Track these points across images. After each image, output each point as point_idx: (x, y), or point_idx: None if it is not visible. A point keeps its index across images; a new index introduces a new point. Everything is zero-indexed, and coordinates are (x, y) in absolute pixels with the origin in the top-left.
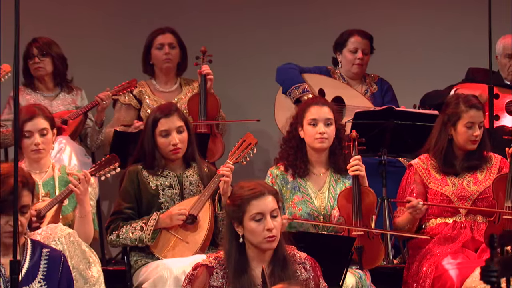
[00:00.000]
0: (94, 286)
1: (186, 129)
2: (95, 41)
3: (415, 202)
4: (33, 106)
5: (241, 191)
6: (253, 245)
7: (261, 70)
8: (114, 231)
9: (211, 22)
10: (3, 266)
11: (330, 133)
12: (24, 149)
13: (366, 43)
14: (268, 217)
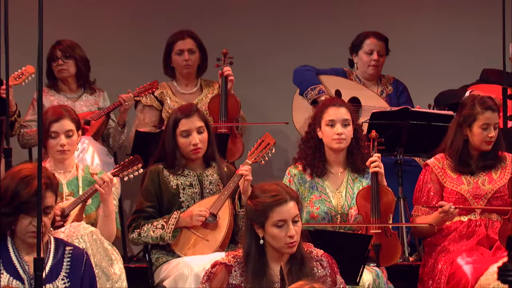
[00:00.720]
0: (116, 283)
1: (206, 129)
2: (117, 42)
3: (447, 207)
4: (60, 108)
5: (263, 196)
6: (274, 248)
7: (280, 71)
8: (135, 230)
9: (229, 23)
10: (27, 264)
11: (348, 134)
12: (49, 149)
13: (382, 45)
14: (290, 223)
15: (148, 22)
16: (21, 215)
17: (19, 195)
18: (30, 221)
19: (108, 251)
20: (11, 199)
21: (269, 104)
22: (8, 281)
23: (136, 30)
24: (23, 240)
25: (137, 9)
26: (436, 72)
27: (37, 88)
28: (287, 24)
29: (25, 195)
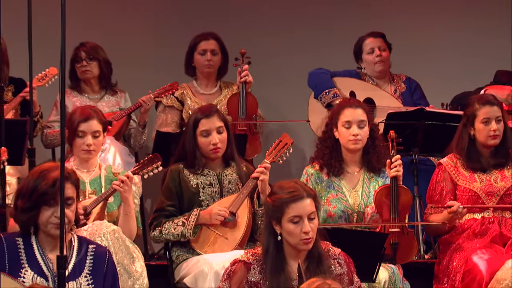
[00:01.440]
0: (138, 281)
1: (225, 129)
2: (138, 44)
3: (456, 207)
4: (89, 108)
5: (281, 193)
6: (290, 244)
7: (297, 71)
8: (157, 227)
9: (248, 24)
10: (51, 261)
11: (364, 135)
12: (75, 148)
13: (380, 41)
14: (305, 220)
15: (168, 24)
16: (42, 207)
17: (38, 187)
18: (52, 212)
19: (129, 249)
20: (31, 193)
21: (288, 103)
22: (33, 278)
23: (156, 32)
24: (47, 233)
25: (157, 11)
26: (450, 74)
27: (60, 89)
28: (304, 24)
29: (43, 187)
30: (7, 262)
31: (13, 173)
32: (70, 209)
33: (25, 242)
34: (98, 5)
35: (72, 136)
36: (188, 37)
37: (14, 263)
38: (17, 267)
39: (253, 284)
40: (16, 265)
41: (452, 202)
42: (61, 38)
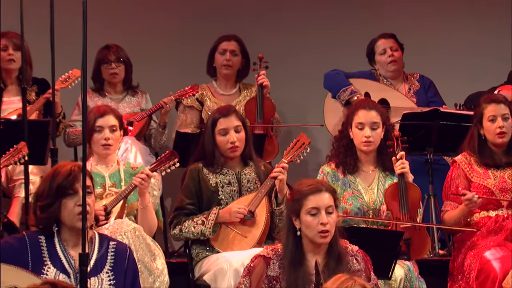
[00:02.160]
0: (158, 278)
1: (243, 128)
2: (159, 46)
3: (471, 195)
4: (104, 106)
5: (301, 187)
6: (308, 238)
7: (313, 72)
8: (177, 226)
9: (266, 27)
10: (73, 258)
11: (376, 137)
12: (94, 144)
13: (391, 41)
14: (323, 212)
15: (187, 26)
16: (63, 200)
17: (54, 181)
18: (74, 202)
19: (150, 247)
20: (49, 190)
21: (304, 104)
22: (55, 275)
23: (177, 34)
24: (72, 226)
25: (179, 13)
26: (463, 74)
27: (82, 89)
28: (318, 26)
29: (60, 179)
30: (30, 259)
31: (37, 172)
32: (90, 198)
33: (47, 240)
34: (120, 5)
35: (90, 133)
36: (207, 40)
37: (37, 261)
38: (39, 264)
39: (272, 279)
40: (39, 262)
41: (466, 191)
42: (82, 40)
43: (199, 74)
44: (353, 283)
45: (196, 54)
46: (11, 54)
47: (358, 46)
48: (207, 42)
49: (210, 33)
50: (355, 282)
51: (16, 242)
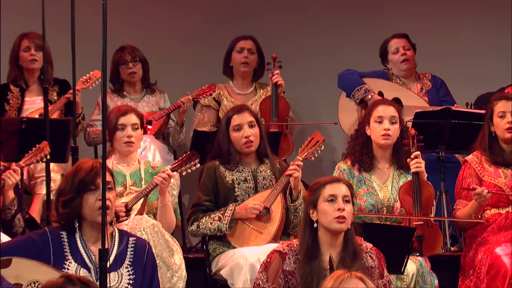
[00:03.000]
0: (176, 273)
1: (257, 125)
2: (177, 46)
3: (480, 190)
4: (126, 105)
5: (319, 179)
6: (325, 227)
7: (327, 72)
8: (194, 222)
9: (280, 27)
10: (93, 254)
11: (394, 131)
12: (116, 142)
13: (404, 41)
14: (339, 199)
15: (205, 28)
16: (84, 195)
17: (76, 176)
18: (96, 197)
19: (168, 243)
20: (71, 186)
21: (317, 104)
22: (76, 270)
23: (194, 35)
24: (93, 221)
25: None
26: (473, 75)
27: (102, 89)
28: (333, 27)
29: (82, 174)
30: (52, 254)
31: (57, 170)
32: (111, 194)
33: (69, 236)
34: (139, 6)
35: (112, 132)
36: (224, 40)
37: (59, 256)
38: (61, 259)
39: (288, 273)
40: (60, 257)
41: (477, 186)
42: (102, 41)
43: (216, 74)
44: (349, 275)
45: (213, 54)
46: (33, 54)
47: (371, 47)
48: (224, 42)
49: (226, 34)
50: (351, 274)
51: (38, 237)
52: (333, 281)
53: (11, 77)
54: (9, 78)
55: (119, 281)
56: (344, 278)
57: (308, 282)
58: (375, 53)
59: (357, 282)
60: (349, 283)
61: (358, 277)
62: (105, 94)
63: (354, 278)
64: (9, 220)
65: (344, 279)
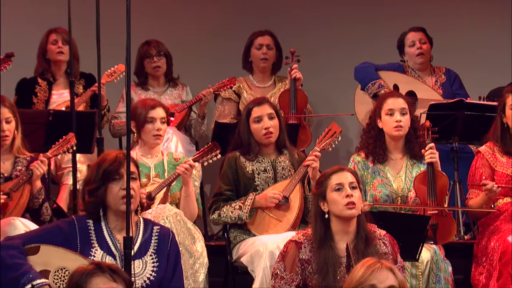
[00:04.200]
0: (198, 260)
1: (276, 116)
2: (199, 42)
3: (490, 186)
4: (154, 99)
5: (324, 172)
6: (336, 216)
7: (344, 65)
8: (216, 211)
9: (299, 21)
10: (119, 242)
11: (406, 122)
12: (145, 134)
13: (421, 34)
14: (346, 186)
15: (225, 23)
16: (109, 185)
17: (101, 166)
18: (119, 186)
19: (191, 231)
20: (96, 175)
21: (335, 95)
22: (102, 257)
23: (215, 30)
24: (117, 210)
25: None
26: (487, 69)
27: (126, 82)
28: (351, 21)
29: (106, 164)
30: (79, 242)
31: (83, 161)
32: (135, 184)
33: (95, 224)
34: (164, 1)
35: (141, 124)
36: (244, 34)
37: (85, 243)
38: (88, 246)
39: (304, 262)
40: (87, 245)
41: (487, 181)
42: (126, 36)
43: (236, 67)
44: (380, 266)
45: (234, 48)
46: (61, 47)
47: (386, 40)
48: (243, 36)
49: (245, 28)
50: (382, 265)
51: (65, 225)
52: (364, 269)
53: (38, 70)
54: (37, 72)
55: (143, 268)
56: (375, 269)
57: (324, 270)
58: (390, 46)
59: (387, 273)
60: (380, 274)
61: (388, 268)
62: (129, 87)
63: (385, 269)
64: (37, 208)
65: (375, 270)
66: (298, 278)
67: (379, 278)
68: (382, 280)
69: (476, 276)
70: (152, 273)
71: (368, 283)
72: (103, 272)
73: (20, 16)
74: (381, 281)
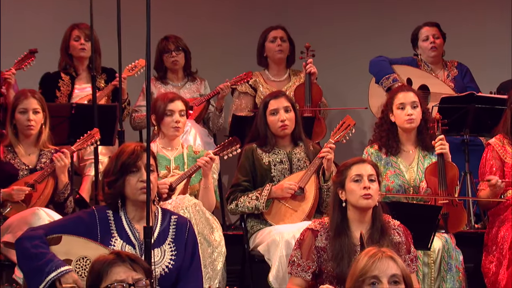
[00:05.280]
0: (217, 249)
1: (292, 109)
2: (216, 37)
3: (494, 181)
4: (173, 92)
5: (345, 161)
6: (353, 205)
7: (359, 58)
8: (233, 201)
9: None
10: (138, 231)
11: (417, 115)
12: (164, 127)
13: (435, 29)
14: (365, 178)
15: (242, 18)
16: (127, 177)
17: (119, 159)
18: (137, 178)
19: (209, 220)
20: (114, 167)
21: (348, 90)
22: (122, 246)
23: (233, 26)
24: (135, 201)
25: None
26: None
27: (146, 77)
28: (365, 15)
29: (124, 157)
30: (99, 232)
31: (105, 153)
32: (152, 175)
33: (114, 214)
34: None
35: (161, 117)
36: (259, 30)
37: (105, 233)
38: (107, 236)
39: (320, 249)
40: (107, 234)
41: (491, 177)
42: (146, 31)
43: (253, 61)
44: (381, 255)
45: (251, 42)
46: (83, 43)
47: (400, 35)
48: (260, 31)
49: (262, 22)
50: (383, 254)
51: (86, 216)
52: (366, 259)
53: (62, 65)
54: (60, 66)
55: (162, 257)
56: (377, 259)
57: (339, 257)
58: (403, 41)
59: (388, 262)
60: (382, 263)
61: (389, 256)
62: (149, 81)
63: (385, 258)
64: (62, 202)
65: (376, 260)
66: (314, 265)
67: (380, 268)
68: (384, 270)
69: (486, 264)
70: (170, 262)
71: (370, 274)
72: (123, 262)
73: (43, 11)
74: (382, 271)
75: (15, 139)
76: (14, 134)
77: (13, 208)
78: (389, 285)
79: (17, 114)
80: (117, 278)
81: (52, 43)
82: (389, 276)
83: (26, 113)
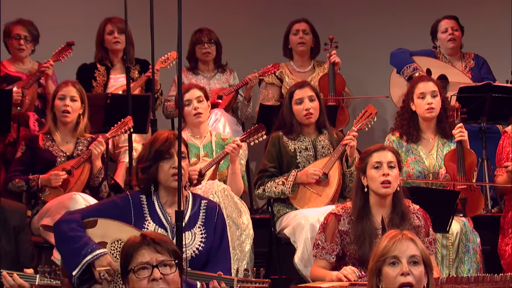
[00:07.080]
0: (245, 232)
1: (317, 99)
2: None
3: (511, 167)
4: (188, 83)
5: (367, 148)
6: (373, 191)
7: (379, 50)
8: (261, 186)
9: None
10: (169, 215)
11: (437, 104)
12: (186, 116)
13: (453, 22)
14: (385, 165)
15: (270, 12)
16: (160, 164)
17: (153, 146)
18: (170, 165)
19: (237, 205)
20: (148, 154)
21: (371, 79)
22: (154, 229)
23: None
24: (168, 187)
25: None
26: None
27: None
28: (386, 9)
29: (158, 144)
30: (133, 215)
31: (139, 140)
32: (184, 162)
33: (147, 199)
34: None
35: (182, 109)
36: (285, 23)
37: (139, 217)
38: (141, 220)
39: (343, 233)
40: (140, 218)
41: (508, 163)
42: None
43: (280, 53)
44: (401, 237)
45: (278, 34)
46: (116, 37)
47: (420, 27)
48: (286, 23)
49: (288, 15)
50: (403, 236)
51: (121, 200)
52: (387, 241)
53: (97, 57)
54: (96, 58)
55: (192, 239)
56: (397, 240)
57: (361, 240)
58: (424, 33)
59: (408, 244)
60: (401, 244)
61: (409, 238)
62: (180, 72)
63: (405, 239)
64: (97, 186)
65: (396, 241)
66: (338, 248)
67: (400, 249)
68: (403, 250)
69: (502, 246)
70: (200, 244)
71: (391, 254)
72: (148, 245)
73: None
74: (402, 251)
75: (54, 126)
76: (53, 121)
77: (51, 193)
78: (409, 265)
79: (56, 100)
80: (142, 260)
81: (89, 36)
82: (409, 257)
83: (64, 99)
